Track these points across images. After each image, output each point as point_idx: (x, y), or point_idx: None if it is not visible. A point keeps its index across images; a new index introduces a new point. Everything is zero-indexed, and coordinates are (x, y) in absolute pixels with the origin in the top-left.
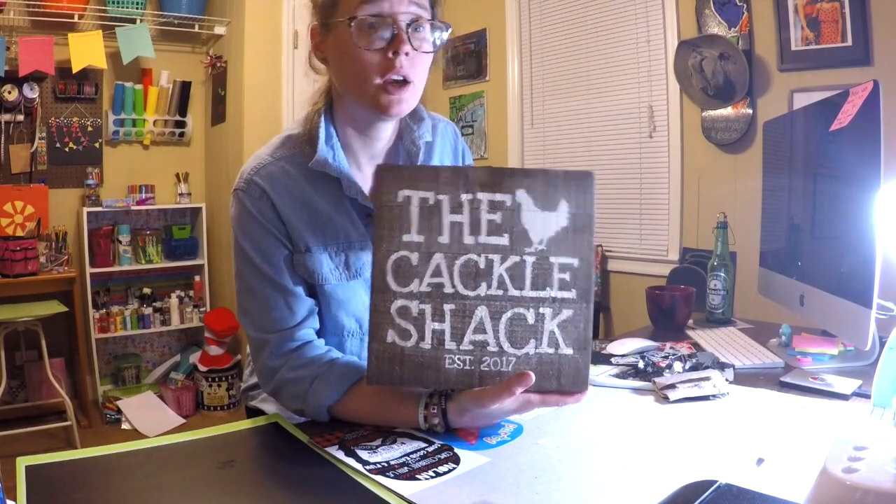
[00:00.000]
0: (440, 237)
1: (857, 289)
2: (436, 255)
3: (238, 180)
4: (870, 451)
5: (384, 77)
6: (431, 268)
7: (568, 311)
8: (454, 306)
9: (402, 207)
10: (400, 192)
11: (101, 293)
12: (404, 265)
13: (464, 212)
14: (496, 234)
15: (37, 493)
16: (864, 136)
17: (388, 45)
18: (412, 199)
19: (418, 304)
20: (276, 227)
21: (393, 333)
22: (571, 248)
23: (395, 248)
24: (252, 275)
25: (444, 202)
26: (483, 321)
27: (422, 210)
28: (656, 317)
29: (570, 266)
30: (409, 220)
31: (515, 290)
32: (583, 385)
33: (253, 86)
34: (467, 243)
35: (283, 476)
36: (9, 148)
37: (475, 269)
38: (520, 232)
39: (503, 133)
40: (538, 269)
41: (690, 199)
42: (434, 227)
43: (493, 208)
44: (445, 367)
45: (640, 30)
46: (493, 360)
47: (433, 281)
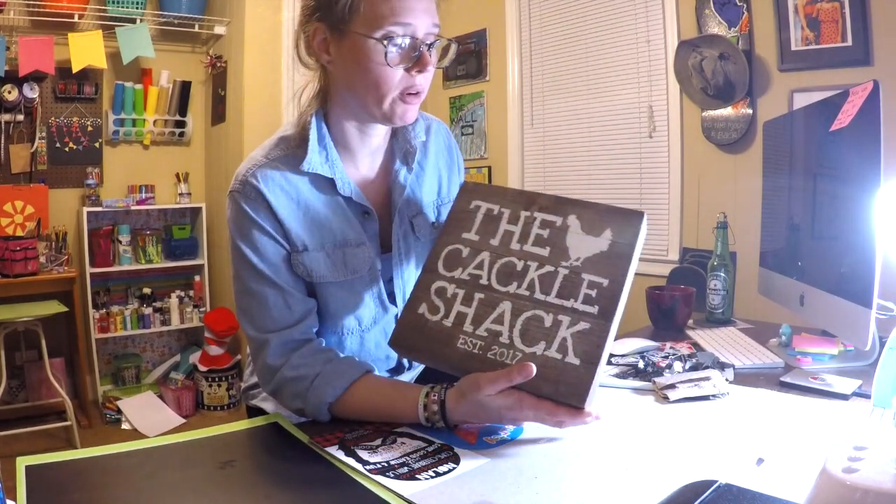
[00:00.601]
0: (492, 240)
1: (857, 289)
2: (483, 252)
3: (233, 182)
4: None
5: (402, 91)
6: (476, 261)
7: (585, 324)
8: (483, 296)
9: (470, 213)
10: (473, 201)
11: (101, 293)
12: (455, 255)
13: (518, 224)
14: (540, 245)
15: (37, 493)
16: (864, 136)
17: (413, 65)
18: (481, 208)
19: (455, 287)
20: (273, 227)
21: (425, 307)
22: (605, 270)
23: (452, 241)
24: (250, 275)
25: (505, 214)
26: (504, 314)
27: (485, 217)
28: (656, 317)
29: (599, 285)
30: (473, 222)
31: (541, 295)
32: (580, 399)
33: (253, 86)
34: (513, 248)
35: (283, 476)
36: (9, 148)
37: (512, 269)
38: (561, 248)
39: (503, 133)
40: (568, 280)
41: (690, 199)
42: (490, 231)
43: (543, 226)
44: (457, 346)
45: (640, 30)
46: (500, 351)
47: (473, 272)
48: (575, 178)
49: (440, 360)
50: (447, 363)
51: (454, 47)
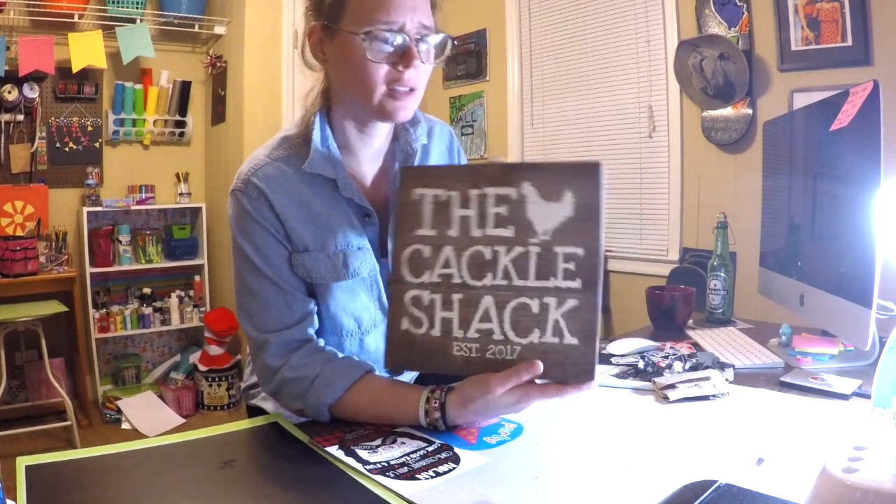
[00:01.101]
0: (449, 231)
1: (857, 289)
2: (445, 247)
3: (235, 181)
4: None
5: (391, 87)
6: (441, 259)
7: (573, 300)
8: (462, 296)
9: (416, 205)
10: (415, 190)
11: (101, 293)
12: (417, 257)
13: (472, 206)
14: (502, 226)
15: (37, 493)
16: (864, 136)
17: (399, 60)
18: (425, 197)
19: (429, 293)
20: (274, 227)
21: (406, 322)
22: (577, 238)
23: (409, 242)
24: (251, 275)
25: (453, 198)
26: (489, 310)
27: (434, 206)
28: (656, 317)
29: (575, 255)
30: (422, 216)
31: (520, 281)
32: (590, 375)
33: (253, 86)
34: (474, 236)
35: (283, 476)
36: (9, 148)
37: (481, 260)
38: (524, 223)
39: (503, 133)
40: (542, 259)
41: (690, 199)
42: (444, 221)
43: (499, 202)
44: (453, 354)
45: (640, 30)
46: (498, 349)
47: (443, 272)
48: None
49: (440, 369)
50: (448, 370)
51: (449, 42)
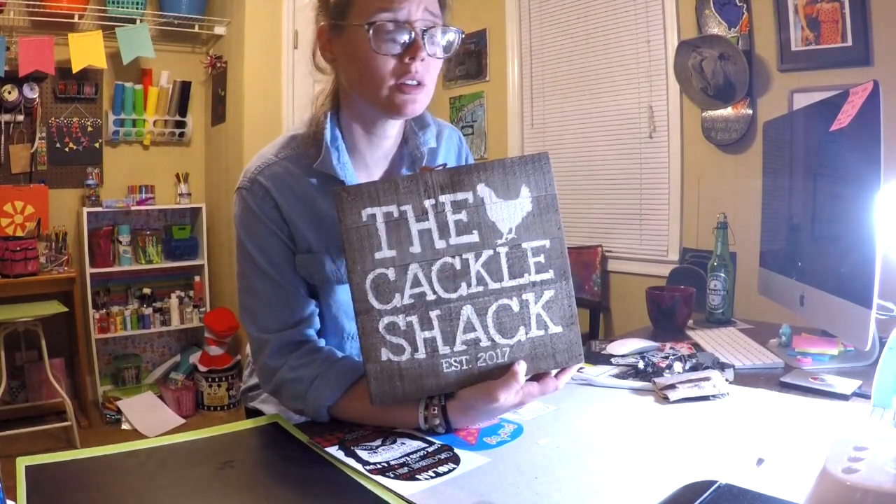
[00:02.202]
0: (411, 247)
1: (857, 289)
2: (411, 265)
3: (242, 179)
4: (870, 451)
5: (398, 80)
6: (409, 279)
7: (549, 291)
8: (440, 311)
9: (367, 227)
10: (363, 211)
11: (101, 293)
12: (382, 282)
13: (429, 218)
14: (465, 232)
15: (37, 493)
16: (864, 137)
17: (405, 51)
18: (377, 216)
19: (404, 317)
20: (279, 226)
21: (386, 351)
22: (540, 231)
23: (370, 268)
24: (254, 274)
25: (408, 212)
26: (470, 320)
27: (388, 225)
28: (656, 317)
29: (543, 248)
30: (378, 237)
31: (495, 283)
32: (578, 357)
33: (253, 86)
34: (439, 248)
35: (283, 476)
36: (9, 148)
37: (452, 271)
38: (488, 226)
39: (503, 133)
40: (512, 257)
41: (690, 199)
42: (403, 238)
43: (457, 208)
44: (444, 372)
45: (640, 30)
46: (488, 355)
47: (414, 291)
48: (575, 178)
49: (434, 390)
50: (443, 389)
51: (457, 36)
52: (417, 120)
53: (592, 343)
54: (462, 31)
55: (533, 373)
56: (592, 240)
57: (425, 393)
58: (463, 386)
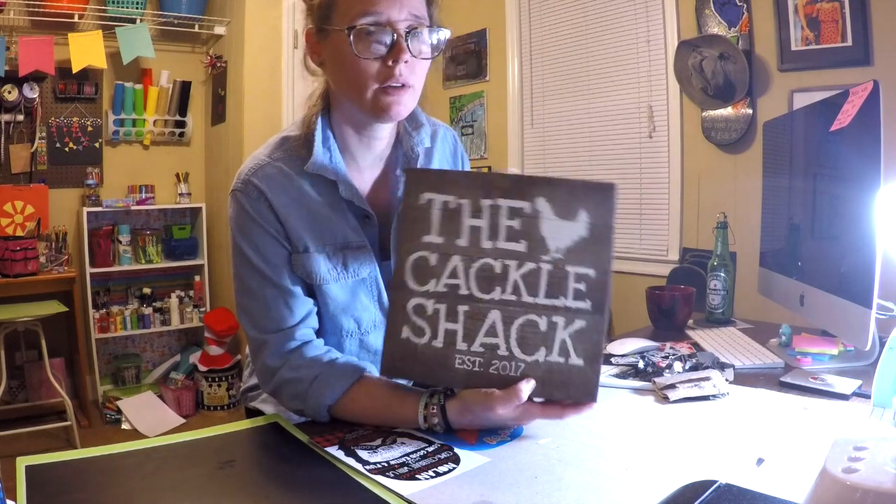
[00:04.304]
0: (459, 240)
1: (857, 289)
2: (453, 256)
3: (235, 181)
4: (870, 451)
5: (383, 84)
6: (448, 269)
7: (581, 321)
8: (468, 308)
9: (423, 209)
10: (423, 194)
11: (101, 293)
12: (423, 265)
13: (483, 216)
14: (514, 240)
15: (37, 493)
16: (864, 136)
17: (388, 54)
18: (434, 202)
19: (434, 303)
20: (274, 227)
21: (407, 330)
22: (589, 259)
23: (414, 248)
24: (251, 275)
25: (464, 206)
26: (495, 325)
27: (443, 213)
28: (656, 317)
29: (587, 276)
30: (430, 221)
31: (529, 297)
32: (592, 396)
33: (253, 86)
34: (485, 247)
35: (283, 476)
36: (9, 148)
37: (491, 273)
38: (537, 239)
39: (503, 133)
40: (553, 277)
41: (690, 199)
42: (453, 229)
43: (512, 215)
44: (455, 367)
45: (640, 30)
46: (502, 365)
47: (450, 282)
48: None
49: (441, 381)
50: (449, 383)
51: (442, 34)
52: (411, 120)
53: None
54: (449, 31)
55: (541, 397)
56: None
57: (430, 381)
58: (468, 386)
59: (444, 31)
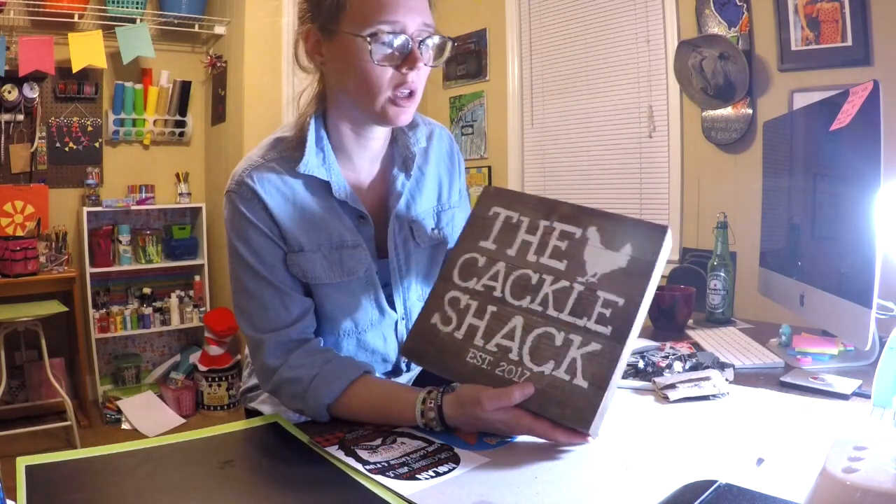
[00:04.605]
0: (509, 249)
1: (857, 289)
2: (499, 262)
3: (230, 182)
4: (870, 451)
5: (394, 90)
6: (491, 272)
7: (597, 345)
8: (496, 309)
9: (489, 220)
10: (493, 208)
11: (101, 293)
12: (471, 264)
13: (537, 234)
14: (556, 258)
15: (37, 493)
16: (864, 136)
17: (403, 62)
18: (500, 216)
19: (468, 298)
20: (269, 227)
21: (437, 317)
22: (621, 288)
23: (469, 249)
24: (247, 275)
25: (524, 223)
26: (514, 330)
27: (504, 225)
28: (656, 317)
29: (615, 304)
30: (491, 230)
31: (554, 311)
32: (586, 424)
33: (253, 86)
34: (529, 260)
35: (283, 476)
36: (9, 148)
37: (527, 283)
38: (578, 262)
39: (503, 133)
40: (582, 297)
41: (690, 199)
42: (508, 240)
43: (563, 237)
44: (466, 360)
45: (640, 30)
46: (508, 368)
47: (488, 283)
48: (575, 178)
49: (449, 372)
50: (456, 376)
51: (449, 44)
52: None
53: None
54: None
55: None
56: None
57: (441, 369)
58: (473, 381)
59: (448, 40)
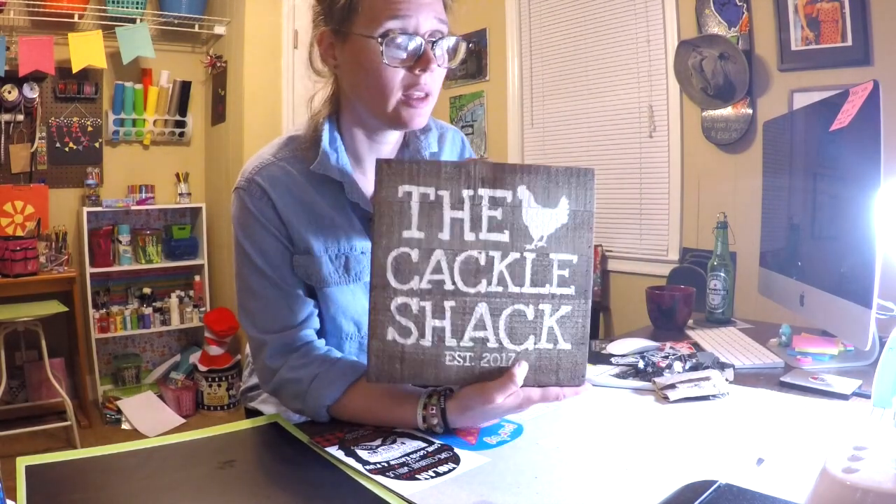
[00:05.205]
0: (441, 234)
1: (857, 289)
2: (436, 251)
3: (239, 179)
4: (870, 451)
5: (407, 92)
6: (432, 264)
7: (567, 307)
8: (454, 303)
9: (402, 203)
10: (400, 187)
11: (101, 293)
12: (404, 262)
13: (465, 208)
14: (497, 230)
15: (37, 493)
16: (864, 136)
17: (415, 63)
18: (413, 195)
19: (419, 301)
20: (277, 227)
21: (393, 331)
22: (571, 245)
23: (395, 245)
24: (252, 274)
25: (444, 198)
26: (483, 318)
27: (422, 206)
28: (656, 317)
29: (570, 263)
30: (410, 216)
31: (515, 287)
32: (580, 379)
33: (253, 86)
34: (468, 240)
35: (283, 476)
36: (9, 148)
37: (476, 265)
38: (520, 228)
39: (503, 133)
40: (538, 265)
41: (690, 199)
42: (434, 223)
43: (494, 205)
44: (446, 364)
45: (640, 30)
46: (492, 357)
47: (434, 278)
48: None
49: (432, 380)
50: (440, 381)
51: (463, 45)
52: None
53: (592, 343)
54: (466, 40)
55: (532, 385)
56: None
57: (422, 381)
58: (461, 382)
59: (460, 39)
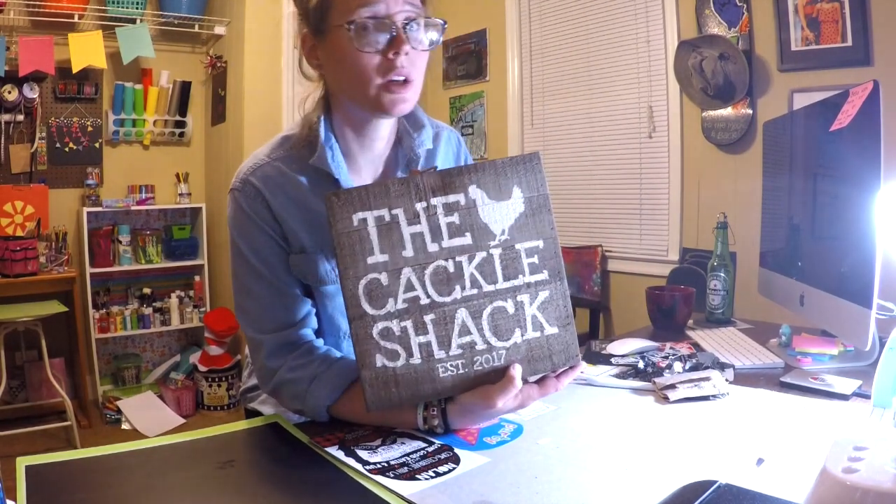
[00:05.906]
0: (404, 251)
1: (857, 289)
2: (404, 270)
3: (234, 180)
4: (870, 451)
5: (385, 78)
6: (403, 284)
7: (544, 292)
8: (434, 315)
9: (359, 231)
10: (354, 216)
11: (101, 293)
12: (375, 287)
13: (421, 221)
14: (458, 235)
15: (37, 493)
16: (864, 136)
17: (388, 47)
18: (368, 220)
19: (398, 322)
20: (272, 227)
21: (381, 357)
22: (534, 231)
23: (362, 273)
24: (249, 275)
25: (399, 216)
26: (466, 323)
27: (380, 229)
28: (656, 317)
29: (537, 249)
30: (370, 241)
31: (489, 286)
32: (575, 358)
33: (253, 86)
34: (432, 251)
35: (283, 476)
36: (9, 148)
37: (445, 274)
38: (480, 228)
39: (503, 133)
40: (506, 259)
41: (690, 199)
42: (396, 242)
43: (449, 211)
44: (440, 377)
45: (640, 30)
46: (484, 358)
47: (408, 296)
48: (575, 178)
49: (430, 395)
50: (440, 394)
51: (441, 25)
52: (411, 121)
53: (592, 343)
54: (445, 22)
55: (531, 375)
56: (592, 240)
57: (422, 399)
58: (460, 390)
59: (439, 21)
